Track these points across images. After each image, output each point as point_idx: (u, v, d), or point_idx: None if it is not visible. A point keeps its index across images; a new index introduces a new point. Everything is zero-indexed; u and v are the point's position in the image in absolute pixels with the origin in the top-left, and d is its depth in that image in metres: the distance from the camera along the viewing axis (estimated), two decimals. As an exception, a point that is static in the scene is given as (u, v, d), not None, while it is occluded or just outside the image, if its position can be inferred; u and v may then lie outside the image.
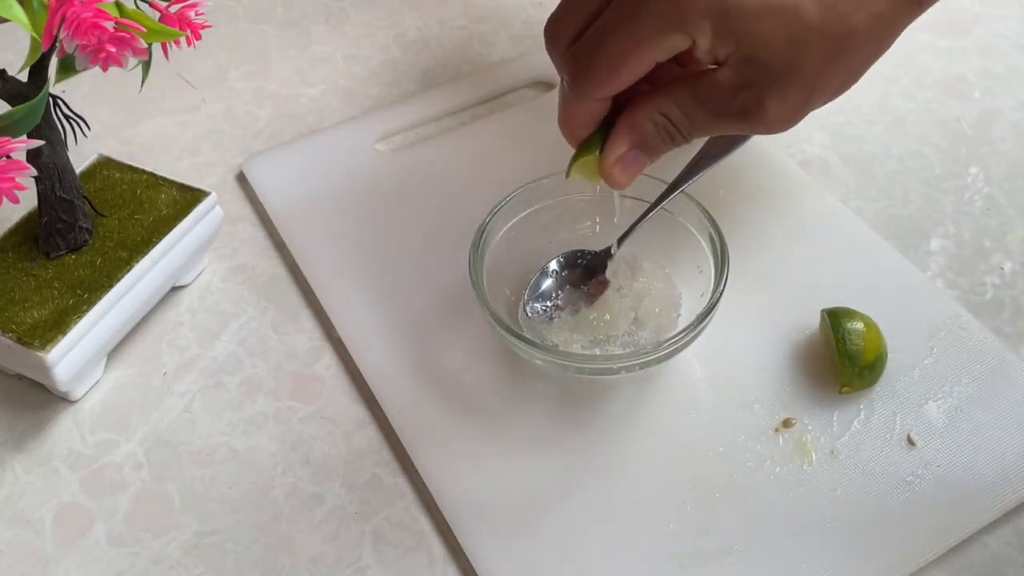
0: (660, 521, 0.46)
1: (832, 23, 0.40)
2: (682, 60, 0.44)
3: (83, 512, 0.48)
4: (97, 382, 0.53)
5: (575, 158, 0.47)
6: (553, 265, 0.54)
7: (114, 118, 0.68)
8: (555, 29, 0.44)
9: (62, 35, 0.41)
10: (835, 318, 0.50)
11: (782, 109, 0.42)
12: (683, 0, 0.40)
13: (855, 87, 0.69)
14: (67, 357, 0.49)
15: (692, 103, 0.43)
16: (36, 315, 0.49)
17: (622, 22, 0.41)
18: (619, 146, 0.45)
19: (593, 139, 0.47)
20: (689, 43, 0.41)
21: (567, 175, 0.48)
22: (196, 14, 0.46)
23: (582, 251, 0.54)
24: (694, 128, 0.44)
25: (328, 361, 0.54)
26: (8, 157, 0.40)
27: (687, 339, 0.47)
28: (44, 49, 0.41)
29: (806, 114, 0.44)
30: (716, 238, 0.50)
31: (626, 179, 0.46)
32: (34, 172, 0.42)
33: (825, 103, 0.44)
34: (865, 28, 0.41)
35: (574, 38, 0.44)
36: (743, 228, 0.58)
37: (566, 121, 0.46)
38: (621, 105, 0.46)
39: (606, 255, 0.53)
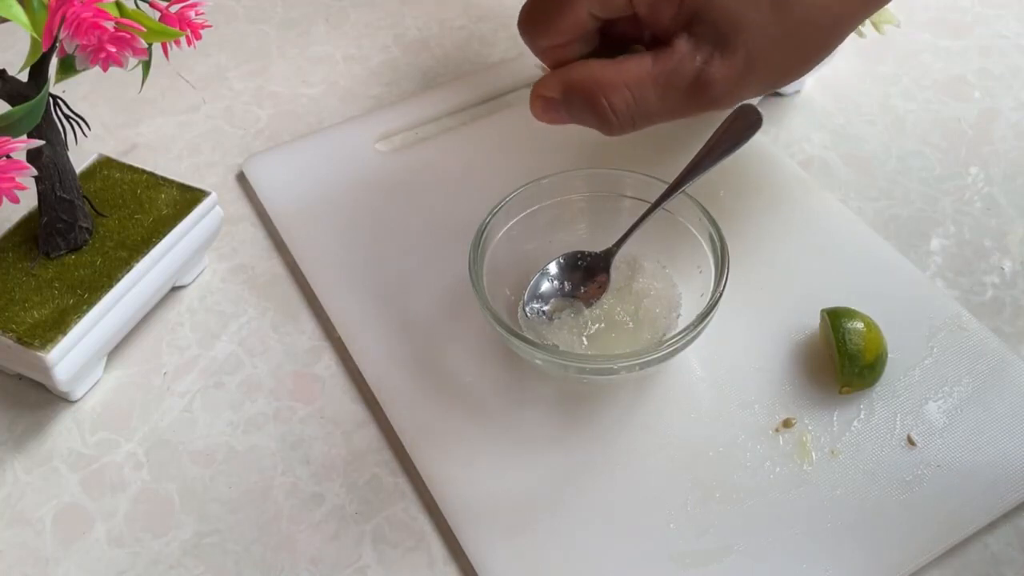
0: (660, 521, 0.46)
1: None
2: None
3: (83, 512, 0.48)
4: (97, 382, 0.53)
5: None
6: (553, 266, 0.54)
7: (114, 118, 0.68)
8: None
9: (62, 35, 0.41)
10: (835, 318, 0.50)
11: (728, 71, 0.43)
12: None
13: (855, 87, 0.69)
14: (67, 357, 0.49)
15: (648, 87, 0.43)
16: (36, 315, 0.49)
17: None
18: (545, 87, 0.46)
19: None
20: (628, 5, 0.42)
21: None
22: (196, 14, 0.46)
23: (582, 253, 0.54)
24: (641, 119, 0.45)
25: (328, 361, 0.54)
26: (8, 157, 0.40)
27: (687, 339, 0.47)
28: (44, 49, 0.41)
29: (751, 87, 0.44)
30: (716, 238, 0.50)
31: (544, 119, 0.48)
32: (34, 172, 0.42)
33: (771, 82, 0.45)
34: (816, 11, 0.42)
35: None
36: (743, 228, 0.58)
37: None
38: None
39: (606, 256, 0.53)
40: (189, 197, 0.55)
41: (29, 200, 0.49)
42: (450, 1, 0.77)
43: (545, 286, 0.53)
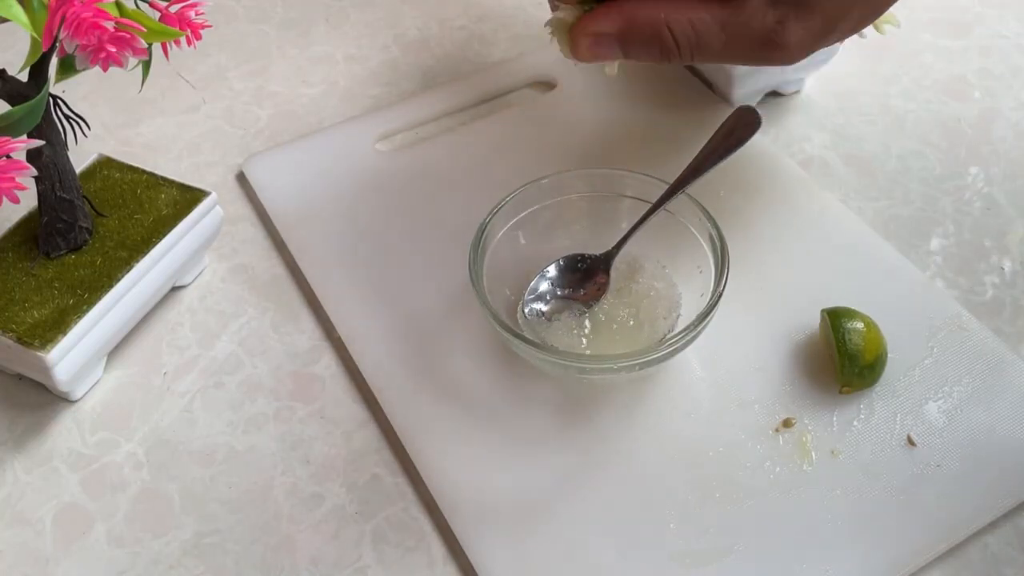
0: (660, 521, 0.46)
1: None
2: None
3: (83, 512, 0.48)
4: (97, 382, 0.53)
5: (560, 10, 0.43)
6: (552, 269, 0.54)
7: (114, 118, 0.68)
8: None
9: (62, 35, 0.41)
10: (835, 318, 0.50)
11: (804, 34, 0.40)
12: None
13: (855, 87, 0.69)
14: (67, 357, 0.49)
15: (712, 25, 0.40)
16: (36, 315, 0.49)
17: None
18: (602, 24, 0.41)
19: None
20: None
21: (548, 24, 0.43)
22: (196, 14, 0.46)
23: (582, 255, 0.54)
24: (699, 51, 0.41)
25: (328, 361, 0.54)
26: (8, 157, 0.40)
27: (687, 339, 0.47)
28: (44, 49, 0.41)
29: (824, 45, 0.41)
30: (716, 238, 0.50)
31: (588, 57, 0.42)
32: (34, 172, 0.42)
33: (844, 38, 0.42)
34: None
35: None
36: (743, 228, 0.58)
37: None
38: None
39: (605, 259, 0.53)
40: (189, 197, 0.55)
41: (29, 200, 0.49)
42: (450, 1, 0.77)
43: (544, 288, 0.53)
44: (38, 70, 0.46)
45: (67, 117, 0.50)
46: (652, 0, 0.40)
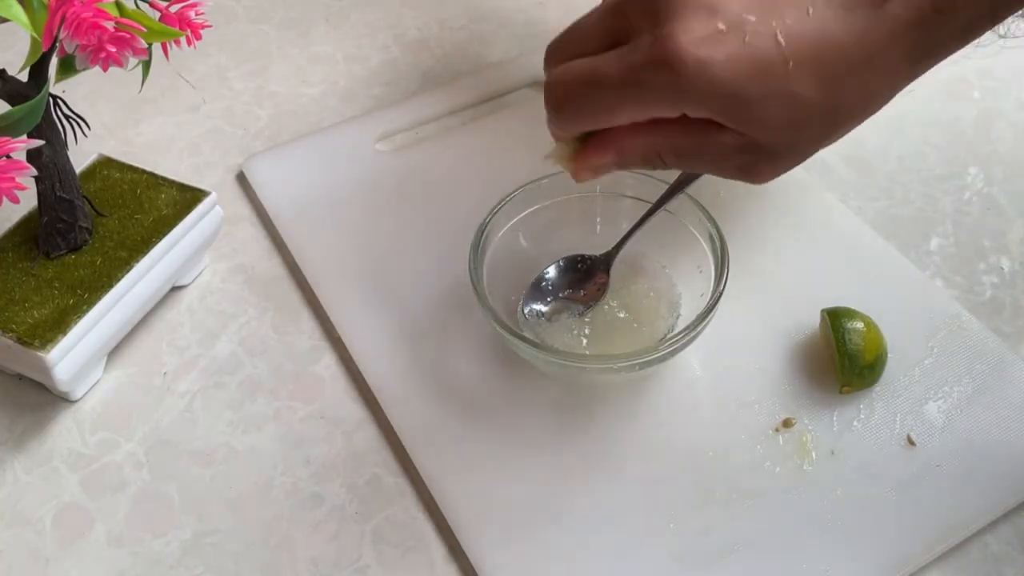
0: (660, 521, 0.46)
1: (831, 100, 0.39)
2: None
3: (83, 512, 0.48)
4: (97, 382, 0.53)
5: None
6: (552, 270, 0.54)
7: (114, 118, 0.68)
8: (555, 57, 0.43)
9: (62, 35, 0.41)
10: (835, 318, 0.50)
11: (775, 172, 0.42)
12: (687, 81, 0.38)
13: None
14: (67, 357, 0.49)
15: (691, 150, 0.42)
16: (36, 315, 0.49)
17: (619, 82, 0.40)
18: (599, 160, 0.44)
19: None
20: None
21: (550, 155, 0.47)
22: (196, 14, 0.46)
23: (582, 256, 0.54)
24: (682, 166, 0.44)
25: (328, 361, 0.54)
26: (8, 157, 0.40)
27: (687, 339, 0.47)
28: (44, 49, 0.41)
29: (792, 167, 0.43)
30: (716, 238, 0.50)
31: (592, 179, 0.46)
32: (34, 172, 0.42)
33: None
34: (863, 102, 0.41)
35: None
36: (743, 228, 0.58)
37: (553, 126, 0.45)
38: None
39: (605, 260, 0.53)
40: (189, 197, 0.55)
41: (29, 200, 0.49)
42: (450, 1, 0.77)
43: (544, 289, 0.53)
44: (38, 70, 0.46)
45: (67, 117, 0.50)
46: (640, 129, 0.42)
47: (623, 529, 0.46)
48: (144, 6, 0.45)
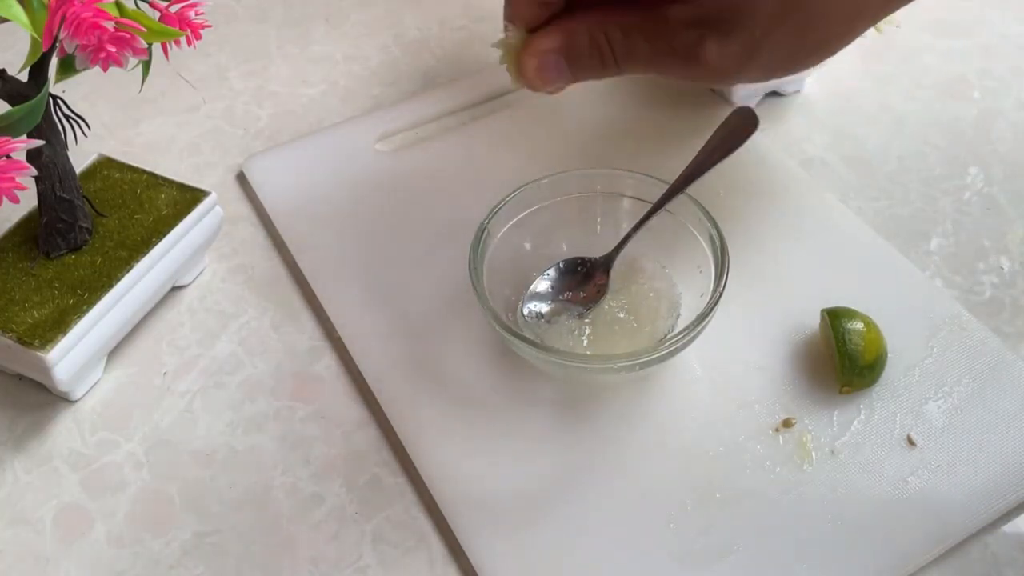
0: (660, 521, 0.46)
1: None
2: None
3: (83, 512, 0.48)
4: (97, 382, 0.53)
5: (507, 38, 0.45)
6: (552, 272, 0.54)
7: (114, 118, 0.68)
8: None
9: (62, 35, 0.41)
10: (835, 318, 0.50)
11: (722, 55, 0.41)
12: None
13: (855, 87, 0.69)
14: (67, 357, 0.49)
15: (637, 33, 0.41)
16: (36, 315, 0.49)
17: None
18: (545, 42, 0.43)
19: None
20: None
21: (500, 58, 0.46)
22: (196, 14, 0.46)
23: (582, 259, 0.54)
24: (630, 59, 0.42)
25: (328, 361, 0.54)
26: (8, 157, 0.40)
27: (687, 339, 0.47)
28: (44, 49, 0.41)
29: (750, 72, 0.42)
30: (716, 238, 0.50)
31: (538, 80, 0.44)
32: (34, 172, 0.42)
33: (773, 70, 0.43)
34: (832, 5, 0.40)
35: None
36: (743, 228, 0.58)
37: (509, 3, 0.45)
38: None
39: (605, 261, 0.53)
40: (189, 197, 0.55)
41: (29, 200, 0.49)
42: (450, 1, 0.77)
43: (544, 290, 0.53)
44: (38, 70, 0.46)
45: (67, 117, 0.50)
46: (587, 13, 0.42)
47: (623, 529, 0.46)
48: (144, 6, 0.45)
